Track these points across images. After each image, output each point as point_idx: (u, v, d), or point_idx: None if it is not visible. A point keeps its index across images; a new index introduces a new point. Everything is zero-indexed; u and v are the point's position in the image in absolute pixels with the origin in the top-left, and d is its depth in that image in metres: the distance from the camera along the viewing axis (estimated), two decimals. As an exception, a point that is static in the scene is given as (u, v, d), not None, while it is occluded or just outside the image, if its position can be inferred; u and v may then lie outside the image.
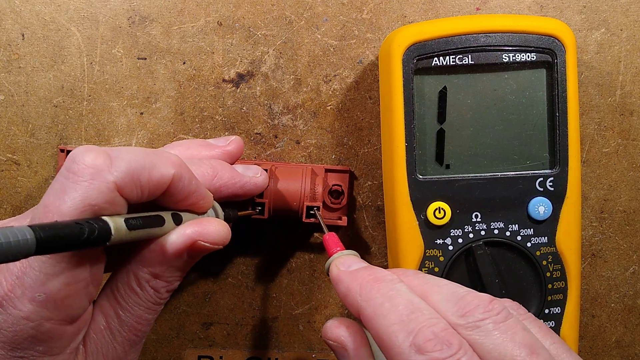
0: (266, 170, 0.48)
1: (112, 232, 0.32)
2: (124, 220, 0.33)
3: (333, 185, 0.50)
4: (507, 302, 0.36)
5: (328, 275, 0.40)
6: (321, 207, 0.48)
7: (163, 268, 0.37)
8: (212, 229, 0.37)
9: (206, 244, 0.37)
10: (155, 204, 0.37)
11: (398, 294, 0.34)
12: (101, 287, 0.37)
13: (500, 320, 0.32)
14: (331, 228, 0.52)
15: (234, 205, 0.46)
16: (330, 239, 0.42)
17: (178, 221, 0.37)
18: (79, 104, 0.52)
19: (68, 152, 0.50)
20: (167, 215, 0.36)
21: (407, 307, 0.33)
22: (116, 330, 0.37)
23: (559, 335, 0.46)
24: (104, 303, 0.37)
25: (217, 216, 0.41)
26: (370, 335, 0.35)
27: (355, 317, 0.36)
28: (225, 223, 0.39)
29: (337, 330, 0.37)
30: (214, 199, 0.41)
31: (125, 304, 0.37)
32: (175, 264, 0.37)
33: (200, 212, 0.39)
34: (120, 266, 0.37)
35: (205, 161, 0.43)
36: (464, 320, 0.32)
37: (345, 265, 0.39)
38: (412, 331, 0.31)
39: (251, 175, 0.45)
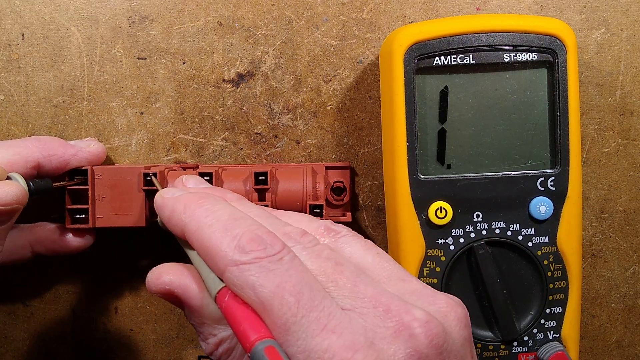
0: (266, 172, 0.48)
1: None
2: None
3: (335, 182, 0.50)
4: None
5: (160, 226, 0.40)
6: (324, 205, 0.48)
7: None
8: None
9: None
10: None
11: (222, 207, 0.35)
12: None
13: (313, 244, 0.35)
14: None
15: (52, 179, 0.47)
16: None
17: None
18: (79, 104, 0.52)
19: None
20: None
21: (231, 216, 0.34)
22: None
23: (559, 335, 0.46)
24: None
25: None
26: (199, 267, 0.35)
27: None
28: (14, 183, 0.42)
29: (159, 280, 0.36)
30: (44, 171, 0.46)
31: None
32: None
33: None
34: None
35: (32, 138, 0.48)
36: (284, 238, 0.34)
37: (169, 193, 0.39)
38: (237, 235, 0.32)
39: (83, 146, 0.49)
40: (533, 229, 0.46)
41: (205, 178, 0.47)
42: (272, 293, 0.30)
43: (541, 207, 0.45)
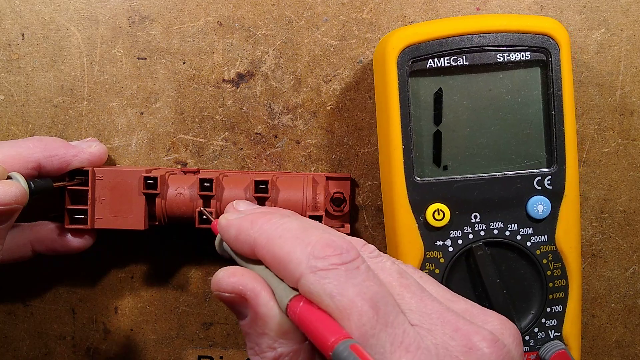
0: (267, 181, 0.48)
1: None
2: None
3: (335, 192, 0.50)
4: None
5: (217, 250, 0.41)
6: (324, 215, 0.48)
7: None
8: None
9: None
10: None
11: (290, 220, 0.35)
12: None
13: (375, 256, 0.35)
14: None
15: (53, 179, 0.48)
16: None
17: None
18: (79, 104, 0.53)
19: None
20: None
21: (300, 225, 0.34)
22: None
23: (560, 333, 0.46)
24: None
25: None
26: (268, 274, 0.35)
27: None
28: (14, 182, 0.42)
29: (232, 279, 0.35)
30: (45, 171, 0.47)
31: None
32: None
33: None
34: None
35: (34, 138, 0.48)
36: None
37: (233, 215, 0.39)
38: (310, 242, 0.32)
39: (84, 147, 0.49)
40: (531, 229, 0.45)
41: (206, 184, 0.48)
42: (351, 302, 0.30)
43: (539, 206, 0.45)
